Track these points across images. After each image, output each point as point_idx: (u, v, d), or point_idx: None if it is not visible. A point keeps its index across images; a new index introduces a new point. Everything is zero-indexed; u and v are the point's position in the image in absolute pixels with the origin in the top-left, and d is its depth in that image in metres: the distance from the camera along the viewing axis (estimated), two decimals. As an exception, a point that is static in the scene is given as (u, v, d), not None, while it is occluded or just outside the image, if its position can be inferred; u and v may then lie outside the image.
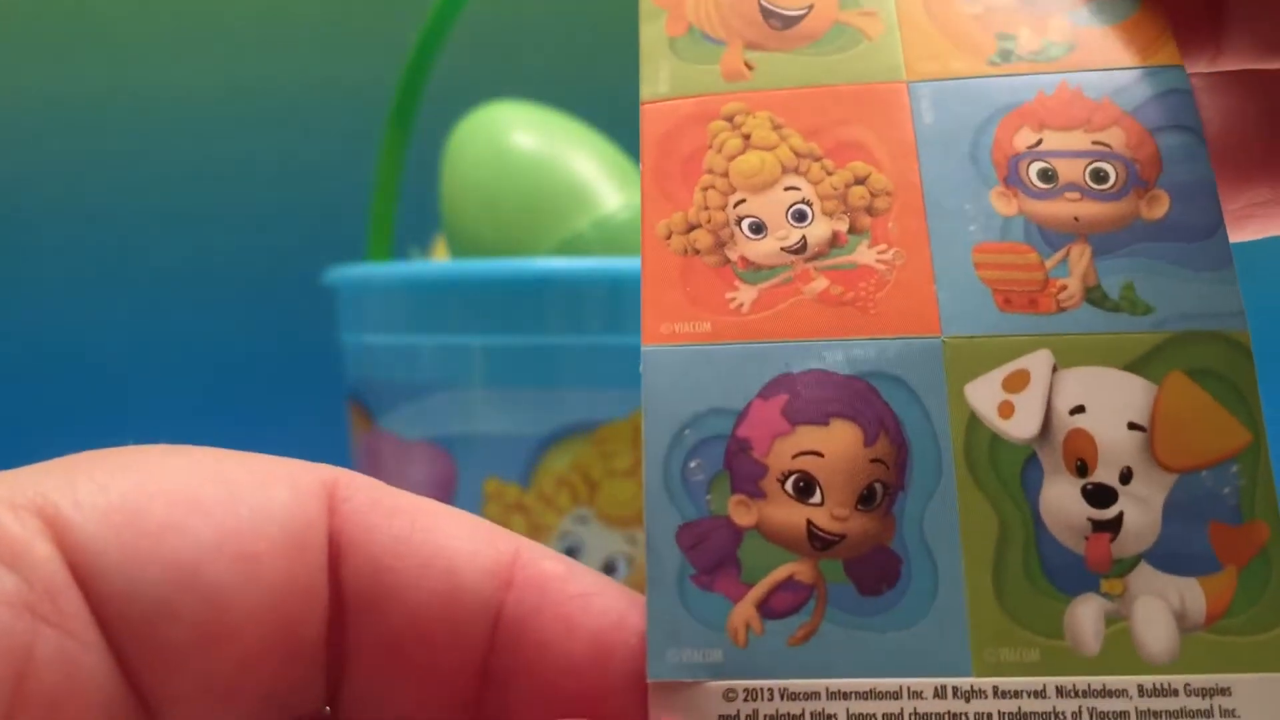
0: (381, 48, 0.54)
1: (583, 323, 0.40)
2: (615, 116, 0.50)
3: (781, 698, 0.15)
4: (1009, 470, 0.16)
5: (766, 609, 0.16)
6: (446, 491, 0.41)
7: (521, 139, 0.44)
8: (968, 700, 0.15)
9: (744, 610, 0.16)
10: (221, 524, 0.14)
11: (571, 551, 0.40)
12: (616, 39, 0.22)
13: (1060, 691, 0.15)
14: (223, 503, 0.14)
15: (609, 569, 0.40)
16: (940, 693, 0.15)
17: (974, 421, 0.16)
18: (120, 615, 0.13)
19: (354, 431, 0.45)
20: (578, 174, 0.43)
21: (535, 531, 0.40)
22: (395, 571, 0.15)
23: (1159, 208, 0.17)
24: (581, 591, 0.15)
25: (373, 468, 0.43)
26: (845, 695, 0.15)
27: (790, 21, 0.19)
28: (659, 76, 0.19)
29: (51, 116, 0.63)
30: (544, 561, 0.15)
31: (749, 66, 0.19)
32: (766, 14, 0.19)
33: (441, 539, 0.15)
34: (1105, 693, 0.15)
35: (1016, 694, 0.15)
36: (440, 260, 0.51)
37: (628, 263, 0.40)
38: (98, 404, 0.63)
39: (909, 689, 0.15)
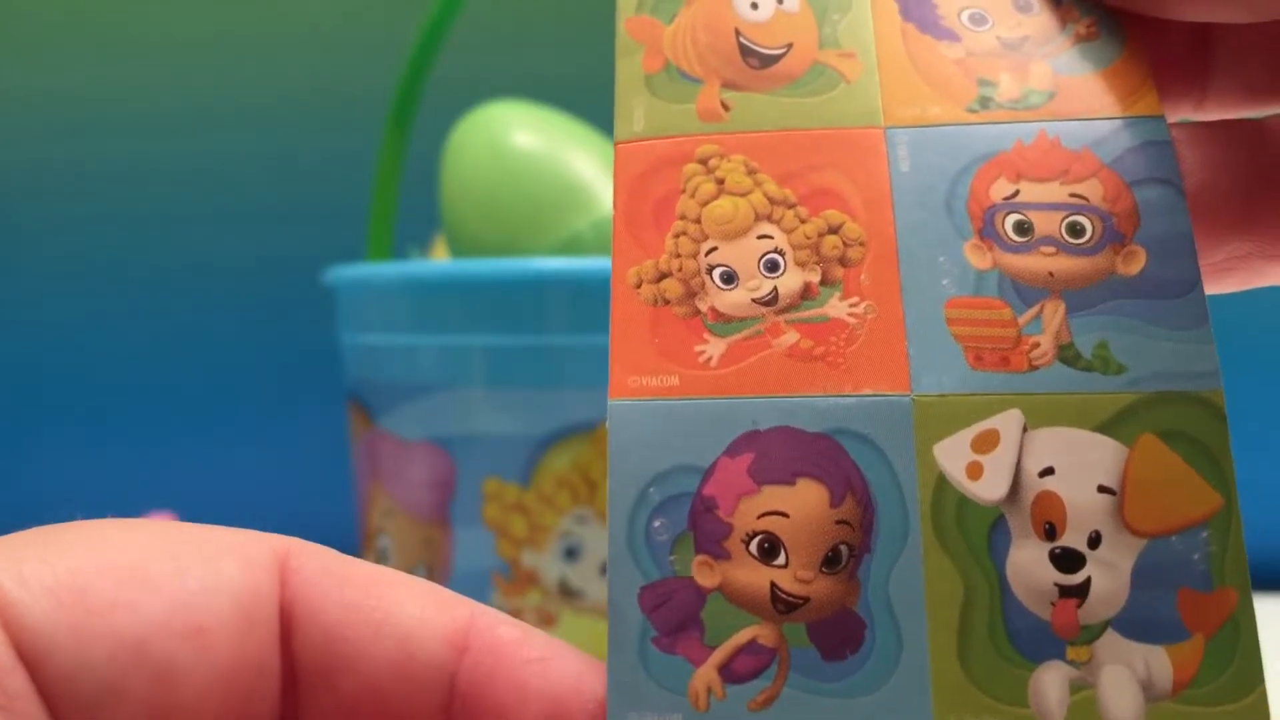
0: (381, 48, 0.54)
1: (583, 323, 0.40)
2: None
3: None
4: (976, 533, 0.16)
5: (728, 672, 0.15)
6: (446, 491, 0.41)
7: (521, 139, 0.44)
8: None
9: (705, 674, 0.15)
10: (170, 599, 0.14)
11: (571, 551, 0.40)
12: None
13: None
14: (171, 577, 0.14)
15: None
16: None
17: (942, 482, 0.16)
18: (68, 695, 0.13)
19: (354, 431, 0.45)
20: (578, 174, 0.43)
21: (535, 531, 0.40)
22: (348, 640, 0.15)
23: (1135, 263, 0.17)
24: (538, 656, 0.15)
25: (373, 468, 0.43)
26: None
27: (769, 60, 0.19)
28: (634, 115, 0.18)
29: (51, 116, 0.63)
30: (499, 627, 0.15)
31: (725, 107, 0.18)
32: (745, 52, 0.19)
33: (394, 606, 0.15)
34: None
35: None
36: (440, 260, 0.51)
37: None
38: (97, 404, 0.63)
39: None
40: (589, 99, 0.46)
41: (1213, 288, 0.18)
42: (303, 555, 0.15)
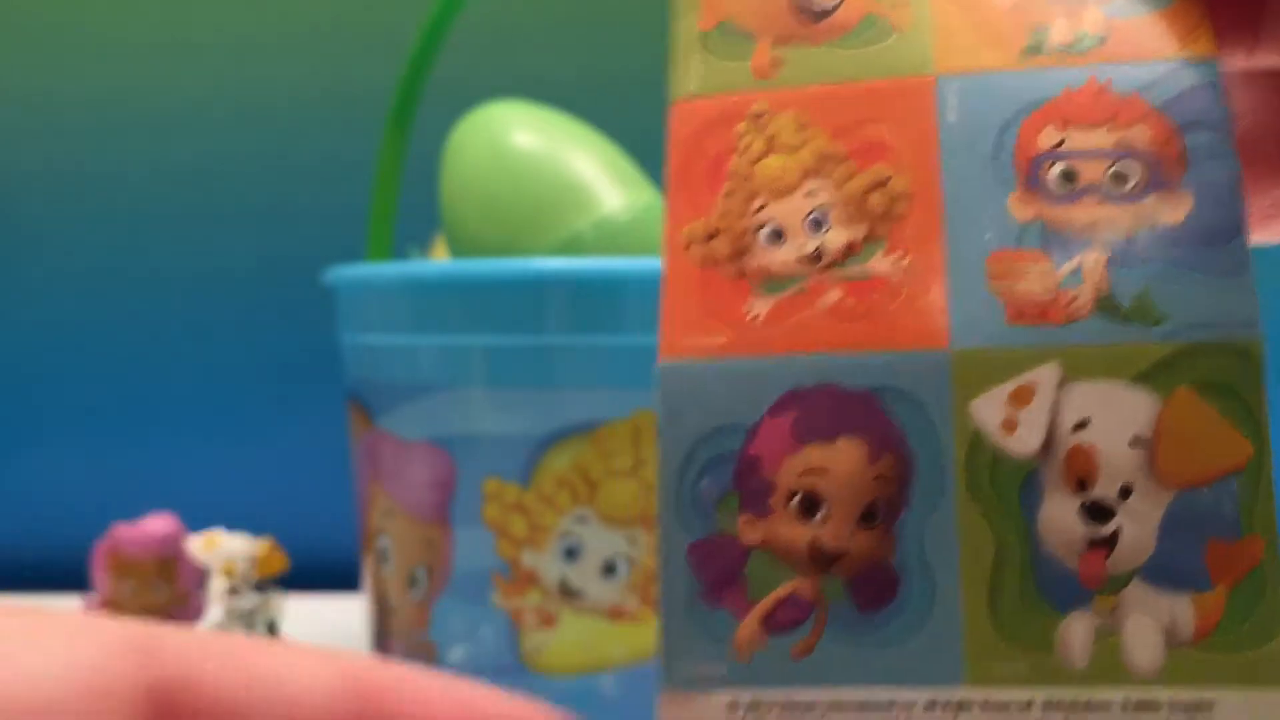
0: (381, 48, 0.54)
1: (583, 323, 0.40)
2: (615, 116, 0.50)
3: (781, 710, 0.16)
4: (1008, 488, 0.16)
5: (770, 624, 0.16)
6: (446, 491, 0.41)
7: (521, 139, 0.44)
8: (956, 714, 0.15)
9: (749, 626, 0.16)
10: (16, 676, 0.14)
11: (571, 551, 0.40)
12: (617, 39, 0.22)
13: (1047, 706, 0.15)
14: (20, 655, 0.14)
15: (609, 569, 0.40)
16: (930, 706, 0.15)
17: (978, 438, 0.16)
18: None
19: (354, 431, 0.45)
20: (578, 174, 0.43)
21: (535, 531, 0.40)
22: (242, 704, 0.15)
23: (1180, 209, 0.16)
24: (437, 681, 0.16)
25: (373, 468, 0.43)
26: (841, 707, 0.16)
27: (823, 14, 0.19)
28: (689, 74, 0.18)
29: (52, 116, 0.63)
30: (386, 668, 0.16)
31: (779, 62, 0.18)
32: (800, 6, 0.19)
33: (283, 668, 0.15)
34: (1090, 707, 0.15)
35: (1005, 707, 0.15)
36: (440, 260, 0.51)
37: (627, 263, 0.40)
38: (98, 404, 0.63)
39: (900, 702, 0.15)
40: (589, 99, 0.46)
41: (1255, 235, 0.18)
42: (166, 636, 0.15)
